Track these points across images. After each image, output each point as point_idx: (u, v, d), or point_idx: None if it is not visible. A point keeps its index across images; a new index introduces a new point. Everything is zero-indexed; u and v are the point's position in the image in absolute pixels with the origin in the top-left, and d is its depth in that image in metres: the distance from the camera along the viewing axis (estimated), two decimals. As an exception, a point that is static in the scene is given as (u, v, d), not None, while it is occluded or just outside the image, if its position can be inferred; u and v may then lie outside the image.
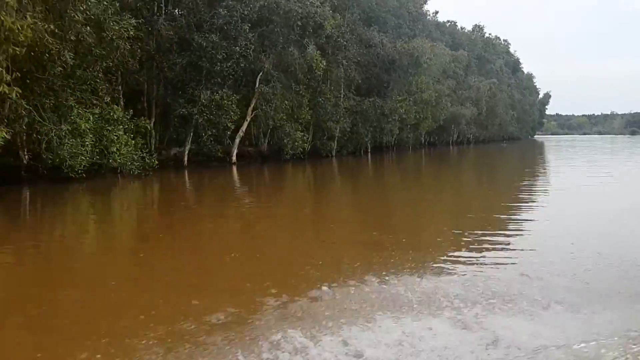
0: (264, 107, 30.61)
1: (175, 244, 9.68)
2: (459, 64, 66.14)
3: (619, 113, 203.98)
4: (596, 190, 17.24)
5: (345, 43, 35.90)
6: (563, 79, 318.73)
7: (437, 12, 73.98)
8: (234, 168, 29.67)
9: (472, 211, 13.62)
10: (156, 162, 22.42)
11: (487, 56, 79.21)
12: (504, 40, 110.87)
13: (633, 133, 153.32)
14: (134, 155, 20.84)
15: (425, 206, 15.14)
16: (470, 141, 79.77)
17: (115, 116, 20.69)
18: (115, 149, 20.04)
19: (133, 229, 12.03)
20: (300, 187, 22.52)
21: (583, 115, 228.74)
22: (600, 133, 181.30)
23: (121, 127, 20.57)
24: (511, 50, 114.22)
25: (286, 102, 31.16)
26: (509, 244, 8.93)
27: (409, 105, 45.50)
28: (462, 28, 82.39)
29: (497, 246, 8.74)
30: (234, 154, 31.08)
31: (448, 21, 77.57)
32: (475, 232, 9.85)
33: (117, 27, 19.07)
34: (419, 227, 11.60)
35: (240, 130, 31.00)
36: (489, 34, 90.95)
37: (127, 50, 22.14)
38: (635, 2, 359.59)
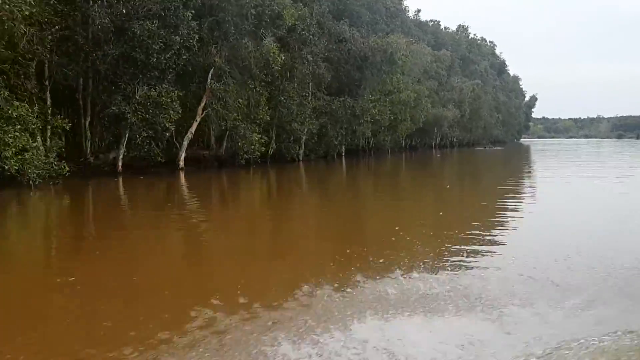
0: (214, 105, 27.29)
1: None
2: (441, 64, 63.34)
3: (605, 117, 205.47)
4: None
5: (311, 37, 32.72)
6: (550, 82, 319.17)
7: (419, 11, 71.43)
8: (181, 174, 26.29)
9: (441, 230, 10.55)
10: (67, 168, 18.96)
11: (471, 57, 76.55)
12: (489, 41, 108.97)
13: (619, 137, 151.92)
14: (36, 161, 17.39)
15: (390, 220, 12.08)
16: (454, 144, 76.96)
17: (15, 114, 17.25)
18: (10, 154, 16.60)
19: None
20: (245, 198, 19.24)
21: (570, 119, 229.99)
22: (586, 136, 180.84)
23: (20, 126, 17.10)
24: (497, 52, 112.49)
25: (240, 100, 27.84)
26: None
27: (383, 105, 42.36)
28: (445, 28, 79.83)
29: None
30: (182, 158, 27.69)
31: (431, 20, 74.99)
32: (442, 257, 7.95)
33: (7, 7, 15.66)
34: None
35: (189, 132, 27.65)
36: (474, 35, 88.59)
37: (35, 35, 18.86)
38: (622, 7, 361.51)
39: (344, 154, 42.18)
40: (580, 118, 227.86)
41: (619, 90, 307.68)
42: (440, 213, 13.56)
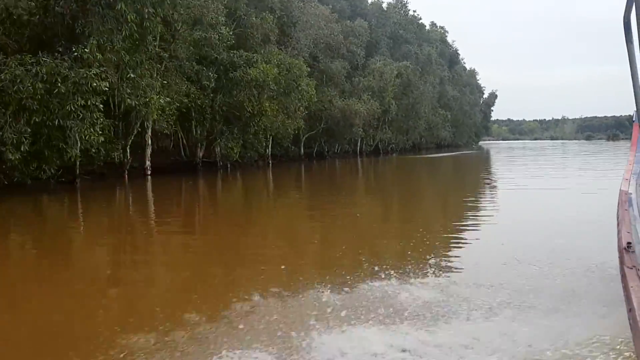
0: None
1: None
2: (356, 40, 45.48)
3: (570, 118, 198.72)
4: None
5: None
6: (514, 84, 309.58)
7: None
8: None
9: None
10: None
11: (406, 37, 58.95)
12: (440, 27, 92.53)
13: (588, 138, 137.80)
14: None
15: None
16: (393, 150, 59.24)
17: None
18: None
19: None
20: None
21: (534, 120, 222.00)
22: (552, 138, 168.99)
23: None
24: (449, 40, 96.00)
25: None
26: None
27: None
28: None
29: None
30: None
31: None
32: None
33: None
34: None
35: None
36: (414, 12, 71.04)
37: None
38: (579, 11, 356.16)
39: (149, 174, 23.79)
40: (545, 119, 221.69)
41: (583, 92, 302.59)
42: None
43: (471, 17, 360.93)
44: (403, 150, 63.49)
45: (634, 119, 6.00)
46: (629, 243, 2.98)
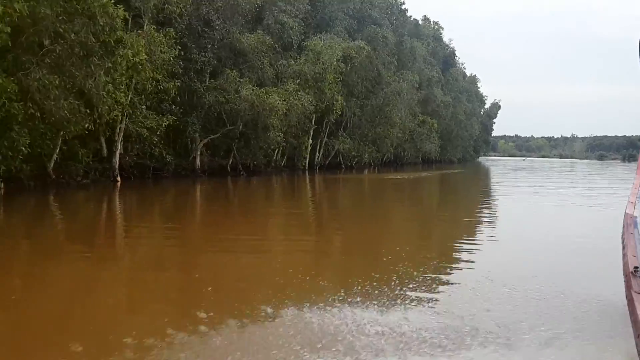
0: None
1: None
2: (289, 7, 32.02)
3: (580, 136, 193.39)
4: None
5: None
6: (523, 100, 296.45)
7: None
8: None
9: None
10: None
11: (375, 16, 44.94)
12: (433, 22, 79.05)
13: (601, 158, 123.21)
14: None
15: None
16: (352, 166, 45.26)
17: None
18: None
19: None
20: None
21: (542, 137, 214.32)
22: (561, 156, 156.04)
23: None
24: (446, 40, 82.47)
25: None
26: None
27: None
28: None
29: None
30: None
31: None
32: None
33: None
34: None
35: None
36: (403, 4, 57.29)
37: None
38: (595, 30, 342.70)
39: None
40: (553, 137, 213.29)
41: (593, 111, 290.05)
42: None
43: (487, 32, 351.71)
44: (375, 166, 49.57)
45: None
46: (635, 267, 2.87)
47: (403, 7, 56.18)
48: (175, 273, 8.39)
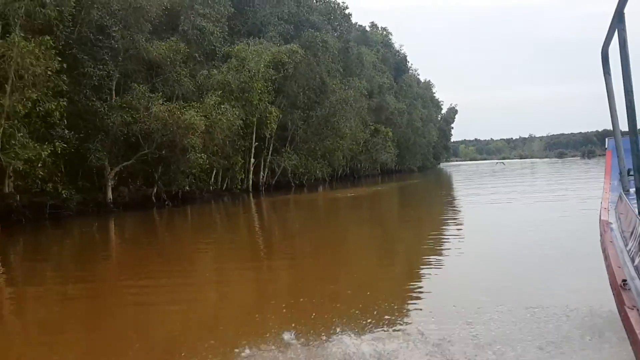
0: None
1: None
2: (209, 10, 28.24)
3: (537, 136, 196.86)
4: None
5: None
6: (480, 104, 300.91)
7: None
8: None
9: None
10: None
11: (315, 22, 41.57)
12: (381, 27, 76.61)
13: (561, 155, 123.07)
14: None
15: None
16: (303, 184, 41.51)
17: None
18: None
19: None
20: None
21: (502, 139, 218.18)
22: (521, 157, 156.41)
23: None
24: (396, 46, 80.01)
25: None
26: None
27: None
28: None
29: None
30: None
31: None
32: None
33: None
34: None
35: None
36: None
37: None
38: (545, 32, 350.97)
39: None
40: (512, 138, 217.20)
41: (549, 110, 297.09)
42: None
43: (434, 39, 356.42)
44: (330, 181, 45.93)
45: (607, 147, 6.11)
46: (624, 281, 2.81)
47: (347, 11, 53.09)
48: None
